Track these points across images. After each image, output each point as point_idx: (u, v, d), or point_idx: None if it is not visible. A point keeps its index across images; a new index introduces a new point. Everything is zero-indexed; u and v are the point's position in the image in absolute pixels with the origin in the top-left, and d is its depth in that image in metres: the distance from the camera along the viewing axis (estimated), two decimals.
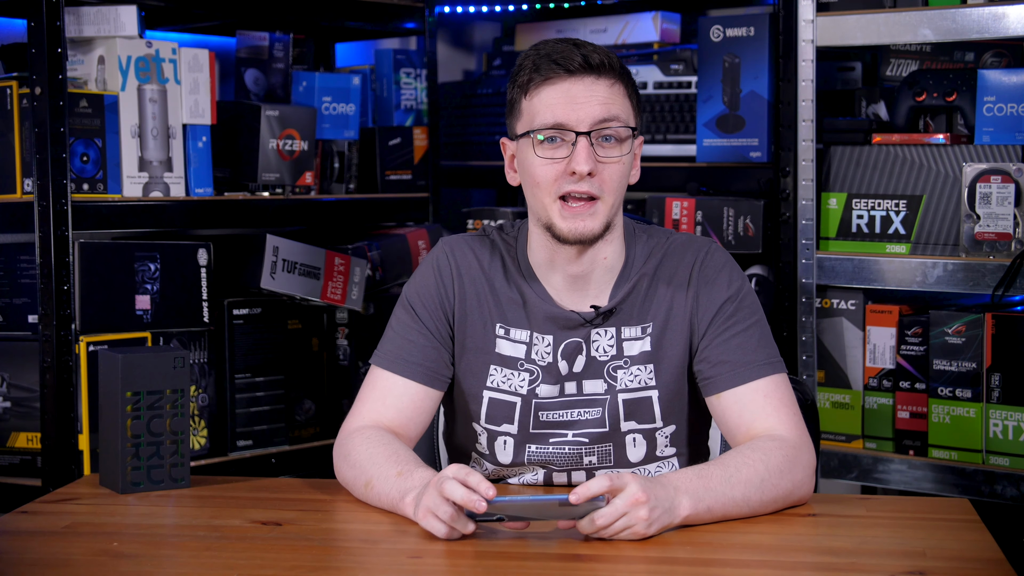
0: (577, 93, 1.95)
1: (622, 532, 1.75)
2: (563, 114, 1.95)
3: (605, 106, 1.96)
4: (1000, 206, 2.57)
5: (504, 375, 2.05)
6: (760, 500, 1.86)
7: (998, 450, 2.61)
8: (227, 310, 2.84)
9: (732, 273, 2.05)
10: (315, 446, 2.98)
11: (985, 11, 2.55)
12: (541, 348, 2.05)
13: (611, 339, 2.04)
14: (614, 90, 1.97)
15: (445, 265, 2.09)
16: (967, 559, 1.70)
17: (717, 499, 1.82)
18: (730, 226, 2.88)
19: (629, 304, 2.05)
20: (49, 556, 1.76)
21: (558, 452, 2.06)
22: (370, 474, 1.94)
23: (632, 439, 2.05)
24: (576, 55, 1.95)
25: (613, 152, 1.97)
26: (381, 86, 3.25)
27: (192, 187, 2.78)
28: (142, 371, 2.04)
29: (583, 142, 1.94)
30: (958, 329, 2.64)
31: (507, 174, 2.07)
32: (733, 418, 1.99)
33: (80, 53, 2.67)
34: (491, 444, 2.08)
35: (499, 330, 2.06)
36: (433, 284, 2.09)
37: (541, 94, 1.97)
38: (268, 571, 1.69)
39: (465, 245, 2.11)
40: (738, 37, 2.89)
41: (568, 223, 1.96)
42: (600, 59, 1.96)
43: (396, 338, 2.08)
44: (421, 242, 3.18)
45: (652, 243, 2.08)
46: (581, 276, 2.03)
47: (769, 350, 2.01)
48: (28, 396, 2.63)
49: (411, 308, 2.09)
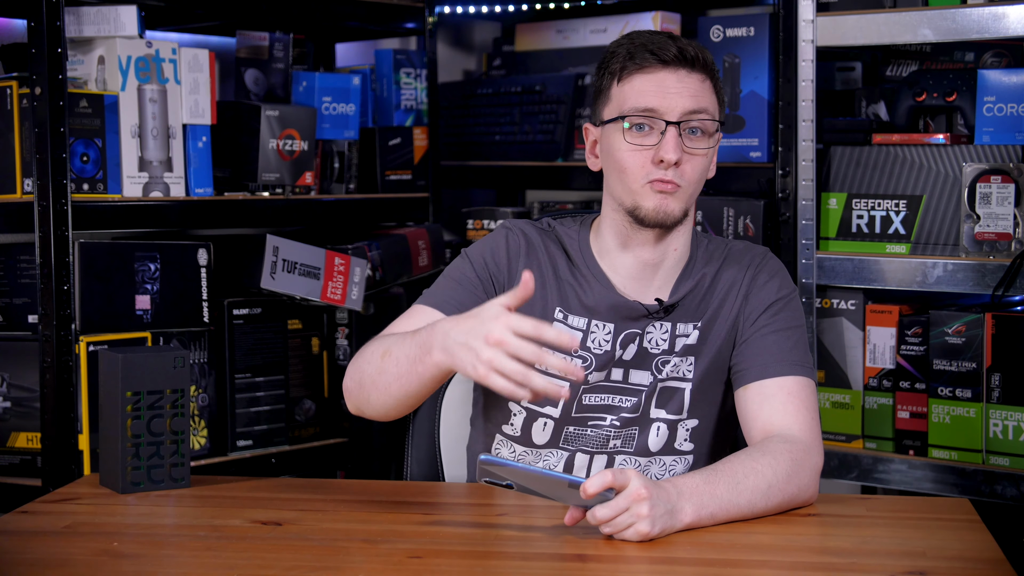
0: (670, 84, 2.00)
1: (625, 530, 1.75)
2: (655, 101, 1.99)
3: (695, 98, 2.00)
4: (1000, 206, 2.57)
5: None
6: (765, 506, 1.87)
7: (998, 450, 2.61)
8: (227, 310, 2.84)
9: (783, 280, 2.10)
10: (315, 446, 2.98)
11: (985, 11, 2.55)
12: (600, 336, 2.07)
13: (665, 333, 2.07)
14: (704, 85, 2.02)
15: (515, 241, 2.11)
16: (967, 559, 1.70)
17: (721, 506, 1.83)
18: (730, 226, 2.88)
19: (688, 301, 2.08)
20: (49, 556, 1.76)
21: (594, 435, 2.08)
22: (387, 345, 1.90)
23: (656, 427, 2.07)
24: (672, 46, 2.00)
25: (700, 144, 2.01)
26: (381, 86, 3.25)
27: (192, 187, 2.78)
28: (142, 371, 2.04)
29: (672, 131, 1.98)
30: (958, 329, 2.64)
31: (588, 159, 2.11)
32: (753, 409, 2.00)
33: (80, 53, 2.67)
34: (528, 425, 2.09)
35: (558, 314, 2.08)
36: (502, 252, 2.10)
37: (634, 81, 2.01)
38: (268, 571, 1.69)
39: (532, 228, 2.13)
40: (738, 37, 2.89)
41: (655, 200, 1.99)
42: (694, 53, 2.01)
43: (449, 285, 2.08)
44: (421, 242, 3.18)
45: (713, 246, 2.13)
46: (652, 264, 2.06)
47: (803, 355, 2.04)
48: (28, 396, 2.63)
49: (471, 264, 2.10)
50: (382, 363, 1.90)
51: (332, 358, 3.04)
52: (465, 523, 1.92)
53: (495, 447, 2.14)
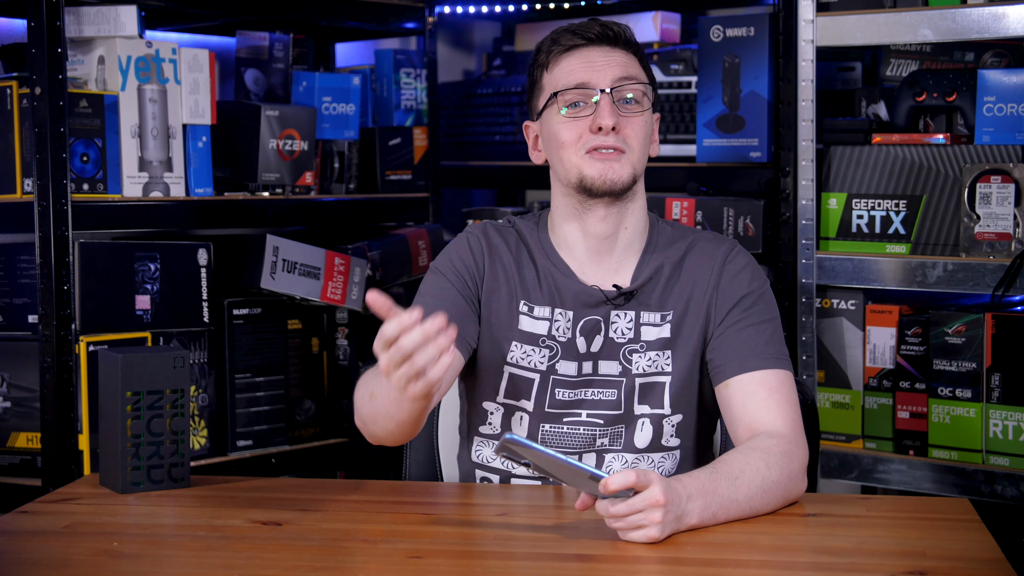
0: (596, 57, 2.05)
1: (632, 531, 1.75)
2: (584, 75, 2.03)
3: (623, 67, 2.05)
4: (1000, 206, 2.57)
5: (524, 351, 2.08)
6: (762, 503, 1.88)
7: (998, 450, 2.61)
8: (227, 310, 2.84)
9: (754, 272, 2.10)
10: (315, 446, 2.98)
11: (985, 11, 2.55)
12: (562, 324, 2.08)
13: (630, 322, 2.07)
14: (631, 59, 2.07)
15: (476, 242, 2.13)
16: (967, 559, 1.70)
17: (723, 505, 1.84)
18: (730, 226, 2.88)
19: (649, 289, 2.08)
20: (49, 556, 1.76)
21: (572, 433, 2.08)
22: (371, 386, 1.92)
23: (641, 423, 2.08)
24: (595, 25, 2.06)
25: (635, 110, 2.04)
26: (381, 86, 3.25)
27: (192, 187, 2.78)
28: (142, 371, 2.04)
29: (605, 98, 2.01)
30: (958, 329, 2.64)
31: (531, 155, 2.13)
32: (737, 408, 2.01)
33: (80, 53, 2.67)
34: (506, 421, 2.10)
35: (523, 307, 2.09)
36: (467, 256, 2.12)
37: (561, 63, 2.06)
38: (268, 571, 1.69)
39: (492, 228, 2.16)
40: (738, 37, 2.89)
41: (597, 168, 2.01)
42: (617, 30, 2.07)
43: (429, 301, 2.08)
44: (421, 242, 3.18)
45: (677, 233, 2.13)
46: (606, 239, 2.07)
47: (779, 347, 2.05)
48: (28, 396, 2.63)
49: (444, 275, 2.10)
50: (373, 406, 1.93)
51: (332, 358, 3.04)
52: (465, 523, 1.92)
53: (475, 448, 2.14)
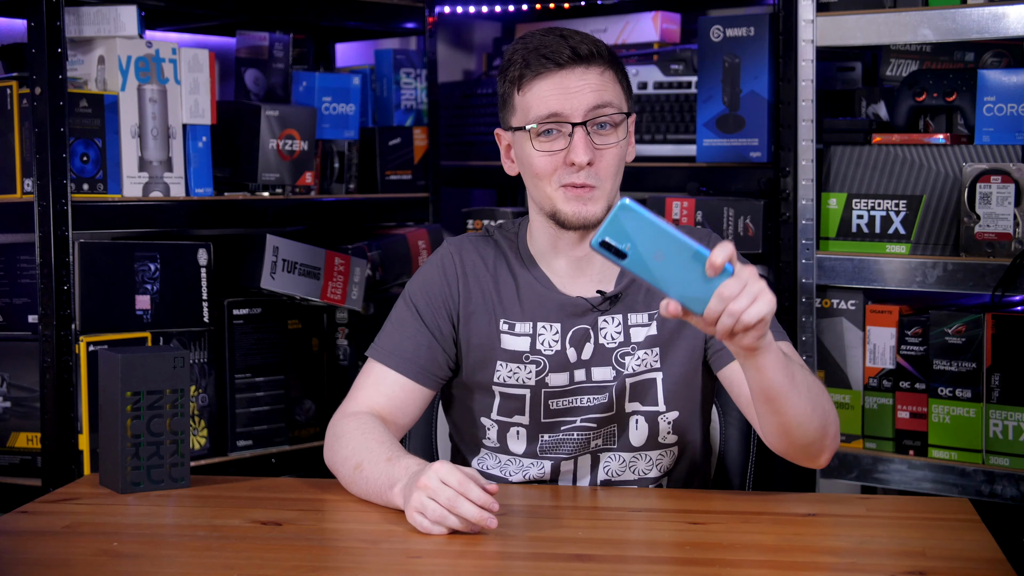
0: (570, 83, 1.98)
1: (753, 306, 1.64)
2: (557, 104, 1.98)
3: (598, 93, 1.98)
4: (1000, 206, 2.57)
5: (510, 370, 2.07)
6: (807, 397, 1.83)
7: (998, 450, 2.61)
8: (227, 310, 2.84)
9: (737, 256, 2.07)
10: (315, 446, 2.97)
11: (985, 11, 2.55)
12: (548, 337, 2.06)
13: (618, 326, 2.06)
14: (605, 77, 2.00)
15: (450, 264, 2.11)
16: (967, 559, 1.70)
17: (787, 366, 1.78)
18: (730, 226, 2.88)
19: (635, 290, 2.07)
20: (49, 556, 1.76)
21: (568, 438, 2.07)
22: (361, 457, 1.95)
23: (635, 421, 2.07)
24: (564, 47, 1.98)
25: (610, 139, 2.00)
26: (381, 86, 3.25)
27: (192, 187, 2.78)
28: (142, 371, 2.04)
29: (580, 132, 1.97)
30: (958, 329, 2.64)
31: (504, 164, 2.11)
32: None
33: (80, 53, 2.67)
34: (502, 436, 2.10)
35: (503, 325, 2.08)
36: (438, 283, 2.10)
37: (533, 88, 2.00)
38: (268, 571, 1.69)
39: (469, 244, 2.13)
40: (738, 37, 2.89)
41: (572, 206, 1.99)
42: (588, 48, 1.99)
43: (394, 333, 2.10)
44: (421, 242, 3.18)
45: None
46: (584, 258, 2.06)
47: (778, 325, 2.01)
48: (28, 396, 2.63)
49: (413, 305, 2.10)
50: (354, 475, 1.96)
51: (332, 358, 3.04)
52: None
53: (476, 461, 2.14)
